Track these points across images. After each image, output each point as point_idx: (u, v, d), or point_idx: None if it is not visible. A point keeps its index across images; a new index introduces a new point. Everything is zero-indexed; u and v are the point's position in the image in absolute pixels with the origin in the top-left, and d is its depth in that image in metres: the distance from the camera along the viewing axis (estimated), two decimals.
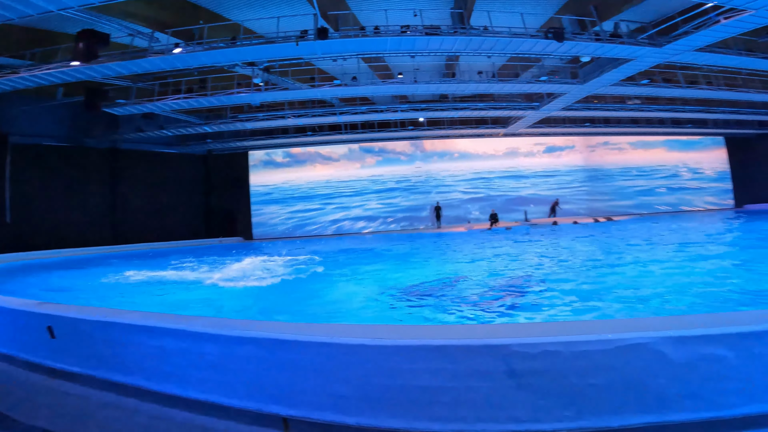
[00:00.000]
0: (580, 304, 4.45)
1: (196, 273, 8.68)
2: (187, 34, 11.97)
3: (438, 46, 11.88)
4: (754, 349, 1.45)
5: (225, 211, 22.68)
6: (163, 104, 15.15)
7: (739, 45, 12.61)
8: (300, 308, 5.51)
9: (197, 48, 11.51)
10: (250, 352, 1.82)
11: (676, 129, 23.26)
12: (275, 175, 23.57)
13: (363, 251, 12.72)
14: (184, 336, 2.00)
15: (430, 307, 4.70)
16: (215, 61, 12.49)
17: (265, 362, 1.79)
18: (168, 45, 11.57)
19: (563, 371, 1.48)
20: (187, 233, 20.56)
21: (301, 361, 1.71)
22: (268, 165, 23.69)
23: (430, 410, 1.54)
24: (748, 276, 5.64)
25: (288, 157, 23.76)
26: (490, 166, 24.06)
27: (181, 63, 12.09)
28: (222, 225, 22.16)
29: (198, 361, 1.95)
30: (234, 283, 7.08)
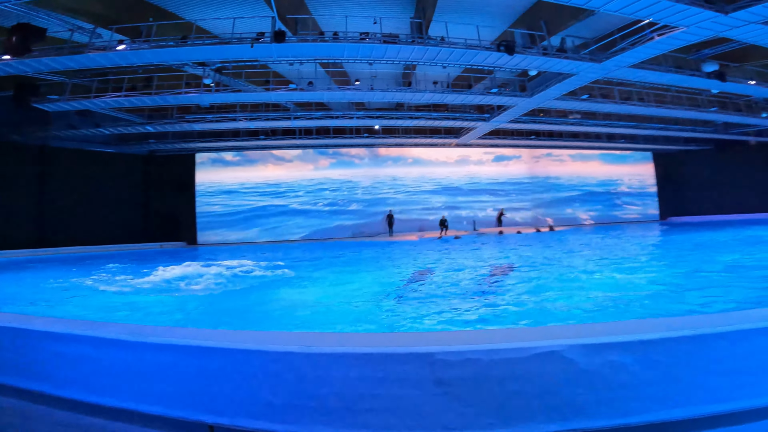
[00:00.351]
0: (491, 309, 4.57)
1: (111, 280, 8.13)
2: (135, 32, 11.40)
3: (395, 55, 12.04)
4: (654, 357, 1.55)
5: (167, 215, 21.45)
6: (101, 102, 14.07)
7: (669, 62, 13.63)
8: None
9: (143, 46, 10.94)
10: (171, 359, 1.79)
11: (610, 144, 25.29)
12: (224, 173, 22.57)
13: (307, 259, 12.24)
14: (96, 343, 1.96)
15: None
16: (162, 60, 11.93)
17: (188, 369, 1.76)
18: (111, 42, 11.00)
19: (485, 379, 1.52)
20: (125, 237, 19.40)
21: (227, 368, 1.70)
22: (216, 163, 22.65)
23: (361, 418, 1.55)
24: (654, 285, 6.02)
25: (239, 155, 22.90)
26: (442, 172, 24.68)
27: (124, 60, 11.48)
28: (164, 229, 20.98)
29: (111, 368, 1.92)
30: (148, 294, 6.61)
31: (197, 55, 11.68)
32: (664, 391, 1.54)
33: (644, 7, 8.97)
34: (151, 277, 8.44)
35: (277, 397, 1.63)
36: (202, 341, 1.77)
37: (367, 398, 1.56)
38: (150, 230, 20.88)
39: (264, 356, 1.66)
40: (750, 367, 1.62)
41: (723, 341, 1.59)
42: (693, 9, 8.94)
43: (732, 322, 1.65)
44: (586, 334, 1.59)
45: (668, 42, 10.77)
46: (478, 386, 1.53)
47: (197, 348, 1.75)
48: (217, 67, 13.66)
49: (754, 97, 17.89)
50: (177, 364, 1.78)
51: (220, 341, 1.76)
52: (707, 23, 9.54)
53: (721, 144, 25.49)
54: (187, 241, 21.35)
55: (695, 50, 13.45)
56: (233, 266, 9.45)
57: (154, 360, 1.82)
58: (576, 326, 1.84)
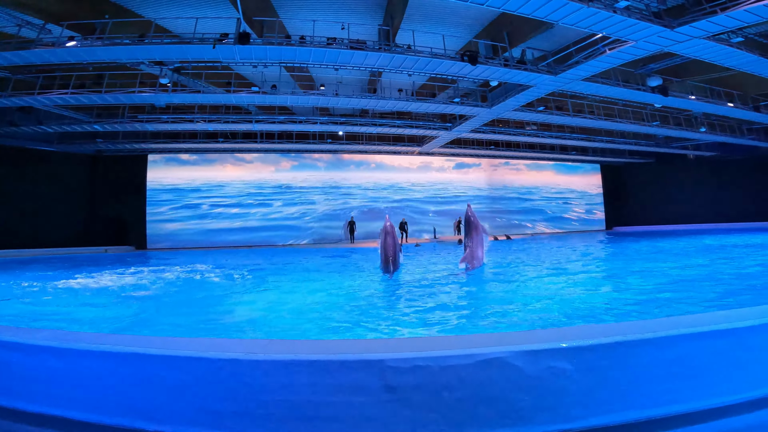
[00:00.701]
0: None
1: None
2: (89, 29, 10.96)
3: (362, 61, 12.07)
4: (591, 362, 1.62)
5: (114, 218, 20.44)
6: (45, 99, 13.21)
7: (618, 77, 14.46)
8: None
9: (96, 43, 10.50)
10: (106, 366, 1.75)
11: (563, 155, 26.56)
12: (179, 174, 21.64)
13: (259, 267, 11.28)
14: (25, 349, 1.90)
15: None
16: (116, 58, 11.42)
17: (126, 377, 1.72)
18: (61, 38, 10.52)
19: (435, 385, 1.55)
20: (66, 240, 18.42)
21: (168, 375, 1.67)
22: (171, 162, 21.71)
23: (311, 425, 1.55)
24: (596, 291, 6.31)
25: (195, 155, 22.01)
26: (404, 178, 24.92)
27: (74, 57, 10.98)
28: (110, 233, 20.03)
29: (42, 374, 1.86)
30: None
31: (154, 53, 11.26)
32: (602, 396, 1.60)
33: (599, 21, 9.51)
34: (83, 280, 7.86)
35: (223, 404, 1.59)
36: (139, 348, 1.72)
37: (318, 406, 1.54)
38: (95, 233, 19.83)
39: (208, 363, 1.62)
40: (677, 373, 1.71)
41: (651, 347, 1.68)
42: (642, 24, 9.57)
43: (659, 329, 1.74)
44: (528, 341, 1.64)
45: (618, 56, 11.43)
46: (428, 393, 1.53)
47: (134, 355, 1.70)
48: (175, 67, 13.17)
49: (693, 112, 19.38)
50: (114, 371, 1.73)
51: (159, 348, 1.71)
52: (654, 38, 10.22)
53: (663, 157, 27.46)
54: (136, 245, 20.37)
55: (642, 65, 14.40)
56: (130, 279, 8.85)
57: (88, 367, 1.76)
58: (520, 333, 1.92)
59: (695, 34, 9.97)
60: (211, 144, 20.40)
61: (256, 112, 18.02)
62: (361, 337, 3.86)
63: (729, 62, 11.77)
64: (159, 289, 7.47)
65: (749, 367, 1.80)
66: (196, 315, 5.40)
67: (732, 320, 1.81)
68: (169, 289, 7.53)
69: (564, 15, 9.25)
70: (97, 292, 7.25)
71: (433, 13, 12.62)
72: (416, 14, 12.49)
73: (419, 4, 11.93)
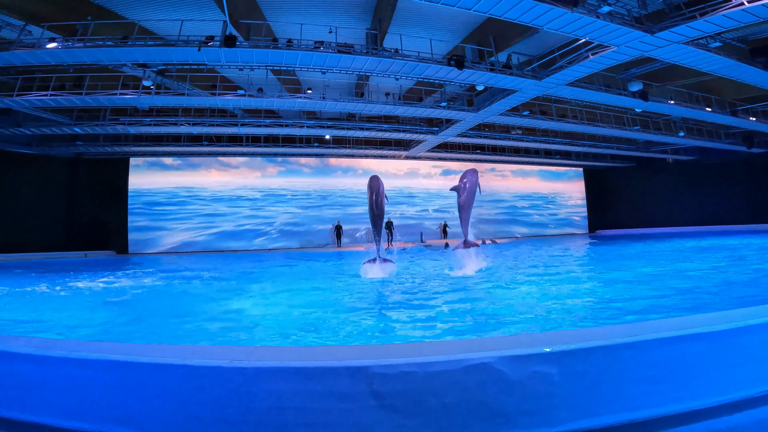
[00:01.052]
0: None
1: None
2: (71, 30, 10.86)
3: (349, 65, 12.08)
4: (575, 366, 1.64)
5: (95, 222, 20.03)
6: (24, 100, 12.88)
7: (600, 82, 14.74)
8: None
9: (77, 44, 10.36)
10: (85, 373, 1.73)
11: (547, 159, 26.94)
12: (163, 178, 21.22)
13: (242, 273, 10.79)
14: (2, 357, 1.90)
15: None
16: (97, 60, 11.25)
17: (105, 384, 1.71)
18: (41, 39, 10.41)
19: (421, 391, 1.56)
20: (45, 245, 18.03)
21: (151, 382, 1.65)
22: (154, 167, 21.25)
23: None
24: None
25: (179, 159, 21.62)
26: (391, 184, 24.88)
27: (54, 59, 10.82)
28: (91, 237, 19.62)
29: (20, 382, 1.85)
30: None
31: (137, 56, 11.13)
32: (586, 399, 1.63)
33: (583, 26, 9.69)
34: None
35: (207, 411, 1.57)
36: (120, 355, 1.69)
37: (303, 412, 1.53)
38: (75, 238, 19.42)
39: (190, 371, 1.60)
40: (658, 376, 1.75)
41: (632, 351, 1.72)
42: (624, 29, 9.79)
43: (639, 333, 1.77)
44: (513, 346, 1.65)
45: (601, 61, 11.66)
46: (415, 399, 1.53)
47: (114, 362, 1.68)
48: (159, 70, 12.98)
49: (672, 117, 19.88)
50: (93, 378, 1.70)
51: (140, 355, 1.69)
52: (635, 43, 10.45)
53: (643, 161, 28.09)
54: (117, 250, 19.98)
55: (623, 69, 14.72)
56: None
57: (67, 374, 1.74)
58: (504, 338, 1.95)
59: (675, 39, 10.22)
60: (195, 147, 20.11)
61: (241, 115, 17.86)
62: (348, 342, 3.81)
63: (707, 67, 12.08)
64: (136, 296, 7.31)
65: (727, 369, 1.85)
66: (172, 321, 5.29)
67: (710, 324, 1.86)
68: (145, 296, 7.37)
69: (549, 20, 9.41)
70: (70, 298, 7.07)
71: (421, 17, 12.72)
72: (405, 18, 12.57)
73: (407, 8, 11.99)
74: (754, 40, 12.44)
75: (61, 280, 9.35)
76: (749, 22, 9.28)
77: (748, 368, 1.87)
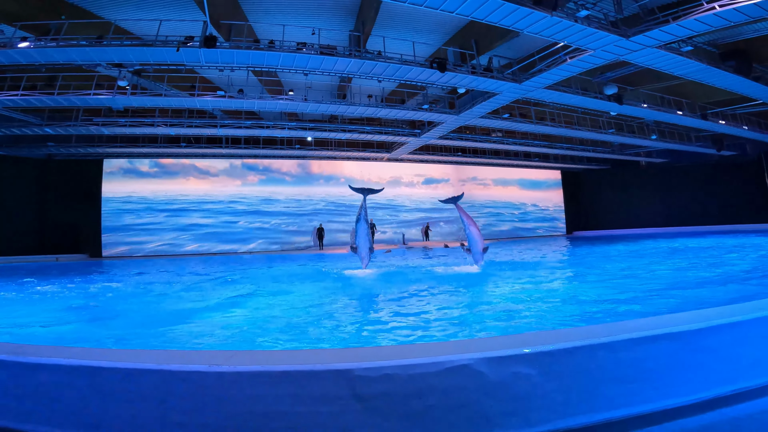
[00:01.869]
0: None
1: None
2: (44, 29, 10.61)
3: (332, 66, 12.03)
4: (553, 367, 1.67)
5: (66, 225, 19.36)
6: None
7: (577, 85, 15.09)
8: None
9: (50, 44, 10.09)
10: (58, 379, 1.68)
11: (526, 162, 27.40)
12: (137, 185, 20.63)
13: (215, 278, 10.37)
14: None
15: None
16: (70, 59, 10.96)
17: (79, 390, 1.65)
18: (13, 38, 10.16)
19: (404, 393, 1.56)
20: (15, 249, 17.57)
21: (128, 388, 1.62)
22: (129, 174, 20.61)
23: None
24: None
25: (156, 167, 21.03)
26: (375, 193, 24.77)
27: (25, 58, 10.53)
28: (63, 240, 19.02)
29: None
30: None
31: (111, 55, 10.86)
32: (565, 399, 1.65)
33: (561, 30, 9.90)
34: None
35: (186, 417, 1.54)
36: (94, 360, 1.65)
37: (285, 417, 1.51)
38: (46, 241, 18.83)
39: (168, 375, 1.57)
40: (633, 375, 1.79)
41: (607, 350, 1.76)
42: (600, 33, 10.04)
43: (614, 333, 1.81)
44: (492, 347, 1.66)
45: (578, 64, 11.92)
46: (398, 401, 1.53)
47: (87, 368, 1.64)
48: (135, 70, 12.66)
49: (645, 120, 20.49)
50: (66, 384, 1.66)
51: (114, 360, 1.65)
52: (611, 47, 10.73)
53: (617, 164, 28.88)
54: (90, 253, 19.38)
55: (599, 73, 15.10)
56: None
57: (39, 380, 1.69)
58: (485, 339, 1.97)
59: (648, 43, 10.52)
60: (172, 149, 19.67)
61: (221, 116, 17.58)
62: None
63: (679, 71, 12.48)
64: (105, 300, 7.10)
65: (698, 368, 1.91)
66: (139, 325, 5.16)
67: (679, 324, 1.91)
68: (114, 299, 7.18)
69: (529, 24, 9.57)
70: (38, 302, 6.82)
71: (405, 20, 12.79)
72: (388, 21, 12.62)
73: (391, 10, 12.04)
74: (724, 44, 12.90)
75: (26, 284, 9.02)
76: (720, 26, 9.61)
77: (717, 367, 1.93)
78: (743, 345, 2.00)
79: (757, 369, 1.98)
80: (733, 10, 8.85)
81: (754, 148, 24.38)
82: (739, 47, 12.76)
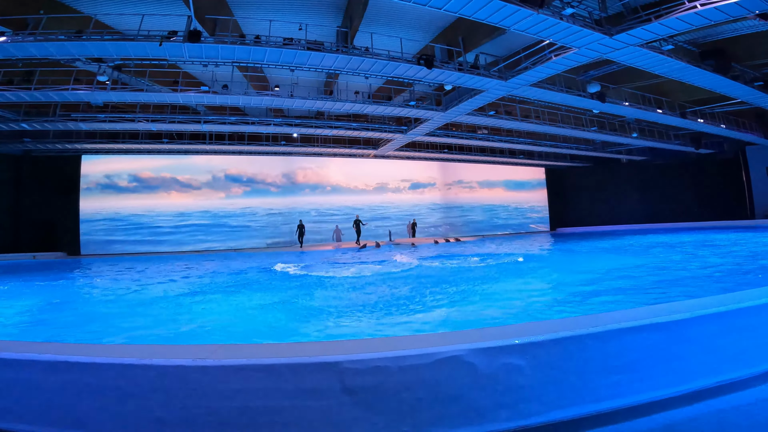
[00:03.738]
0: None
1: None
2: (21, 24, 10.35)
3: (319, 62, 11.91)
4: (543, 358, 1.67)
5: (44, 222, 18.84)
6: None
7: (561, 83, 15.18)
8: None
9: (27, 38, 9.84)
10: (30, 375, 1.64)
11: (511, 159, 27.63)
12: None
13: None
14: None
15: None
16: (48, 54, 10.65)
17: (55, 385, 1.61)
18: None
19: (394, 386, 1.54)
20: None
21: (107, 383, 1.58)
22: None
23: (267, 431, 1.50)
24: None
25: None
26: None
27: (1, 53, 10.31)
28: (40, 238, 18.49)
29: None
30: None
31: (91, 50, 10.59)
32: (555, 391, 1.65)
33: (547, 28, 9.99)
34: None
35: (170, 412, 1.51)
36: (70, 356, 1.60)
37: (272, 411, 1.47)
38: (23, 239, 18.30)
39: (149, 370, 1.53)
40: (620, 366, 1.79)
41: (595, 341, 1.76)
42: (585, 31, 10.16)
43: (601, 323, 1.82)
44: (483, 338, 1.65)
45: (563, 62, 12.05)
46: (388, 393, 1.50)
47: (64, 363, 1.59)
48: (116, 65, 12.36)
49: (627, 118, 20.85)
50: (44, 380, 1.61)
51: (94, 356, 1.59)
52: (595, 45, 10.87)
53: (599, 161, 29.38)
54: (69, 251, 18.93)
55: (583, 71, 15.30)
56: None
57: (16, 376, 1.64)
58: (474, 331, 1.96)
59: (631, 42, 10.70)
60: (154, 144, 19.25)
61: (205, 112, 17.27)
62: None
63: (660, 69, 12.72)
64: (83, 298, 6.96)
65: (684, 359, 1.94)
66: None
67: (665, 314, 1.93)
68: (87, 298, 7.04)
69: (516, 21, 9.63)
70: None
71: (392, 16, 12.73)
72: (376, 17, 12.53)
73: (379, 6, 11.96)
74: (704, 43, 13.19)
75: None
76: (701, 25, 9.80)
77: (701, 359, 1.95)
78: (725, 336, 2.03)
79: (740, 361, 2.02)
80: (714, 9, 9.03)
81: (732, 147, 25.06)
82: (719, 46, 13.05)
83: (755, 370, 2.02)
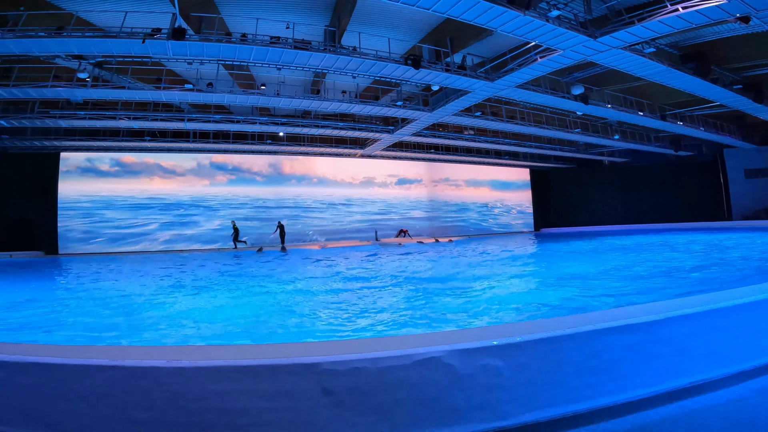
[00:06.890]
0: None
1: None
2: (1, 21, 10.23)
3: (306, 61, 11.86)
4: (520, 359, 1.69)
5: (21, 221, 18.34)
6: None
7: (546, 85, 15.42)
8: None
9: (7, 35, 9.69)
10: (6, 376, 1.62)
11: (497, 159, 27.86)
12: (96, 185, 19.61)
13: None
14: None
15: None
16: (27, 50, 10.49)
17: (26, 387, 1.58)
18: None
19: (373, 387, 1.55)
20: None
21: (80, 386, 1.56)
22: (87, 173, 19.54)
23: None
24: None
25: (117, 166, 19.96)
26: (348, 193, 24.69)
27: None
28: (17, 237, 17.96)
29: None
30: None
31: (71, 47, 10.42)
32: (531, 392, 1.67)
33: (533, 29, 10.13)
34: None
35: (145, 414, 1.50)
36: (41, 356, 1.59)
37: (250, 413, 1.47)
38: None
39: (123, 372, 1.52)
40: (595, 367, 1.81)
41: (570, 342, 1.79)
42: (570, 33, 10.32)
43: (576, 324, 1.84)
44: (461, 339, 1.67)
45: (548, 64, 12.21)
46: (367, 395, 1.51)
47: (35, 364, 1.56)
48: (97, 62, 12.12)
49: (609, 120, 21.25)
50: (16, 382, 1.59)
51: (69, 357, 1.58)
52: (579, 47, 11.04)
53: (582, 163, 29.87)
54: (46, 250, 18.47)
55: (567, 73, 15.52)
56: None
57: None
58: (453, 332, 1.98)
59: (614, 44, 10.89)
60: (136, 142, 18.88)
61: (188, 110, 17.01)
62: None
63: (642, 72, 12.97)
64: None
65: (657, 360, 1.97)
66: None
67: (638, 315, 1.96)
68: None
69: (503, 22, 9.74)
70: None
71: (381, 16, 12.71)
72: (364, 16, 12.49)
73: (367, 6, 11.93)
74: (685, 46, 13.45)
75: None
76: (683, 27, 10.02)
77: (674, 359, 1.99)
78: (698, 337, 2.08)
79: (713, 361, 2.07)
80: (696, 12, 9.22)
81: (710, 149, 25.70)
82: (700, 50, 13.32)
83: (727, 370, 2.07)
